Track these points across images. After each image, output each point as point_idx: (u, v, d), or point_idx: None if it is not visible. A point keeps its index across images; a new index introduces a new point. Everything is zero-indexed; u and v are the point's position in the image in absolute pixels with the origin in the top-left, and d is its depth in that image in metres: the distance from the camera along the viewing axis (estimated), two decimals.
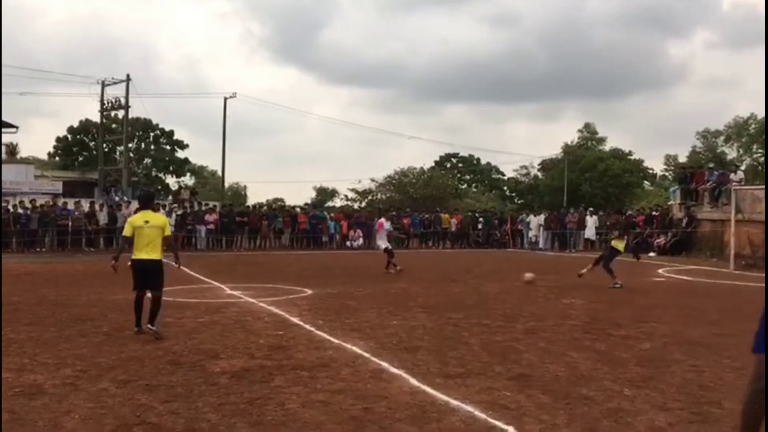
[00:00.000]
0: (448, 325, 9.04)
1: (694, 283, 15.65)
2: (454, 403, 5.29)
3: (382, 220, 18.19)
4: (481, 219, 32.75)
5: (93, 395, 5.43)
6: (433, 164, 67.97)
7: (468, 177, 74.79)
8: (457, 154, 74.46)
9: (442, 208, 42.11)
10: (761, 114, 53.38)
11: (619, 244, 14.20)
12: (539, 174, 64.56)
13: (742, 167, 40.60)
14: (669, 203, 31.13)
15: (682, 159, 60.21)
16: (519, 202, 65.24)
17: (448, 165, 73.18)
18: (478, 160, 74.64)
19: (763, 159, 52.43)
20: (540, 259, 23.83)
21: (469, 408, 5.16)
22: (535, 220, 31.13)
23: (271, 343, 7.61)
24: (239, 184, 71.34)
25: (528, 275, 14.37)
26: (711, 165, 44.24)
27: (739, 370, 6.19)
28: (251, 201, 52.01)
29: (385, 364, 6.58)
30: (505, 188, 72.27)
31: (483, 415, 4.99)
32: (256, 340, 7.78)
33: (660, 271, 18.02)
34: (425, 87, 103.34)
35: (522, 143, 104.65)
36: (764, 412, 3.75)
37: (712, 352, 7.32)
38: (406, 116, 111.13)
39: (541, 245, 30.02)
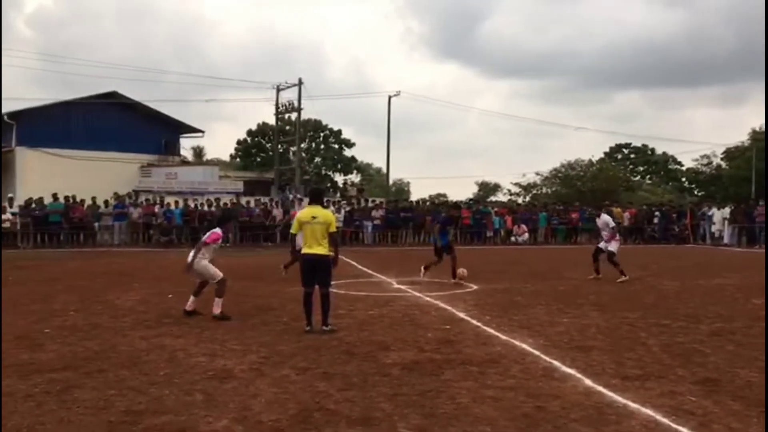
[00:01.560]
0: (624, 324, 8.61)
1: None
2: (633, 406, 5.04)
3: (604, 216, 14.18)
4: (657, 212, 30.93)
5: (276, 381, 5.79)
6: (602, 155, 65.27)
7: (641, 168, 70.84)
8: (629, 144, 70.79)
9: (612, 201, 40.29)
10: None
11: None
12: (723, 163, 59.73)
13: None
14: None
15: None
16: (699, 194, 60.83)
17: (620, 156, 69.81)
18: (653, 150, 70.49)
19: None
20: (725, 256, 22.05)
21: (649, 412, 4.89)
22: (719, 214, 28.87)
23: (439, 337, 7.69)
24: (403, 180, 72.89)
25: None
26: None
27: None
28: (414, 197, 52.80)
29: (556, 363, 6.41)
30: (684, 179, 67.65)
31: (666, 420, 4.71)
32: (425, 334, 7.89)
33: None
34: (592, 75, 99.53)
35: (702, 130, 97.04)
36: None
37: None
38: (571, 106, 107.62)
39: (726, 240, 27.78)
